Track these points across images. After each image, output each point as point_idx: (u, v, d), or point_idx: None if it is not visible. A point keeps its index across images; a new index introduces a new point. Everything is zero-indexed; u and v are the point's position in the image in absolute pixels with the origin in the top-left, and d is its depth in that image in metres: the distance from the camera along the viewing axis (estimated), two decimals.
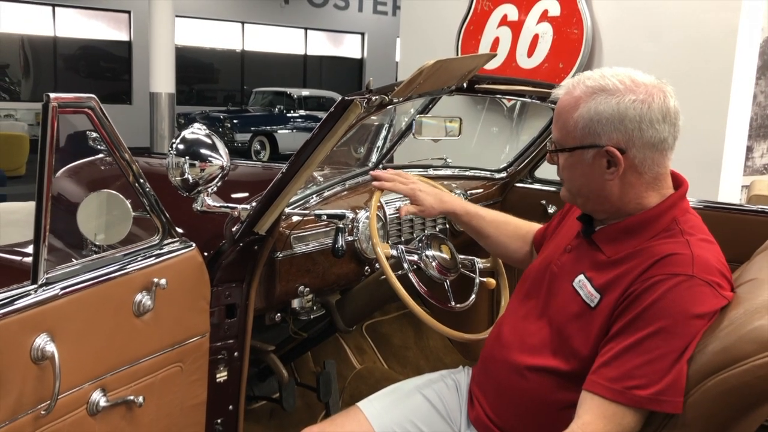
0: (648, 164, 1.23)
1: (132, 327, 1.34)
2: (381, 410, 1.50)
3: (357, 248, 1.91)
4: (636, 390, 1.12)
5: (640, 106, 1.19)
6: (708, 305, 1.14)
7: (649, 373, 1.12)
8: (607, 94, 1.21)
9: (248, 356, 1.67)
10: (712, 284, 1.15)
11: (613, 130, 1.20)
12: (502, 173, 2.60)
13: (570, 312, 1.26)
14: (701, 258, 1.17)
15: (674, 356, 1.12)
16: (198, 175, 1.49)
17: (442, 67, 1.51)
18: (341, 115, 1.39)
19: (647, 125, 1.20)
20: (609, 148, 1.21)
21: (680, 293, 1.13)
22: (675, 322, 1.12)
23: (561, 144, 1.29)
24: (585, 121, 1.22)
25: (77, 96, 1.18)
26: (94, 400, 1.27)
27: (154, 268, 1.37)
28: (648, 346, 1.13)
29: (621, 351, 1.15)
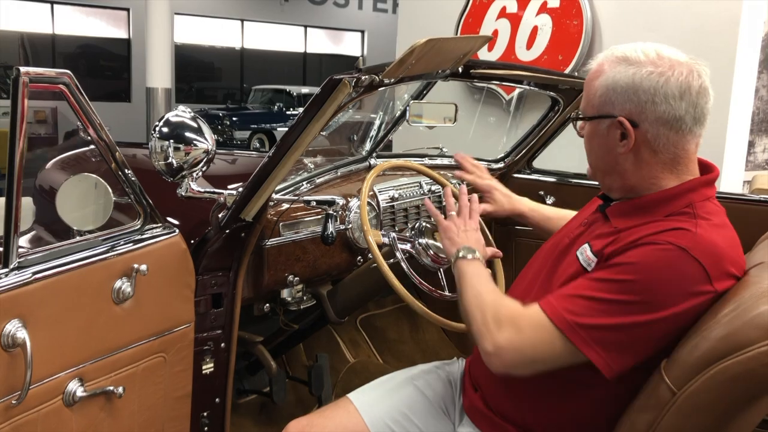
0: (663, 142, 1.18)
1: (111, 314, 1.28)
2: (372, 402, 1.46)
3: (349, 237, 1.86)
4: (566, 312, 1.12)
5: (657, 78, 1.15)
6: (683, 283, 1.09)
7: (586, 307, 1.12)
8: (627, 64, 1.18)
9: (236, 347, 1.61)
10: (703, 265, 1.10)
11: (626, 101, 1.17)
12: (499, 163, 2.55)
13: (566, 276, 1.24)
14: (704, 238, 1.12)
15: (624, 309, 1.10)
16: (182, 159, 1.44)
17: (434, 47, 1.46)
18: (330, 95, 1.34)
19: (661, 99, 1.15)
20: (620, 119, 1.18)
21: (663, 260, 1.10)
22: (639, 282, 1.10)
23: (584, 113, 1.28)
24: (603, 89, 1.20)
25: (49, 71, 1.13)
26: (70, 390, 1.22)
27: (135, 253, 1.32)
28: (605, 288, 1.12)
29: (580, 282, 1.16)
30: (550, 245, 1.42)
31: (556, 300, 1.16)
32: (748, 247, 1.43)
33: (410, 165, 1.83)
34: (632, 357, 1.12)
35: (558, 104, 2.26)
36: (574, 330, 1.11)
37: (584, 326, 1.11)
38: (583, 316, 1.11)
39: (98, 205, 1.39)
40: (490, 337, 1.16)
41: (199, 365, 1.55)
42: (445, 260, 1.64)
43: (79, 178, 1.40)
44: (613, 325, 1.10)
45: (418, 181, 2.17)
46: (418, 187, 2.16)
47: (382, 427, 1.42)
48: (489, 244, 1.73)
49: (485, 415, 1.34)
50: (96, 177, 1.39)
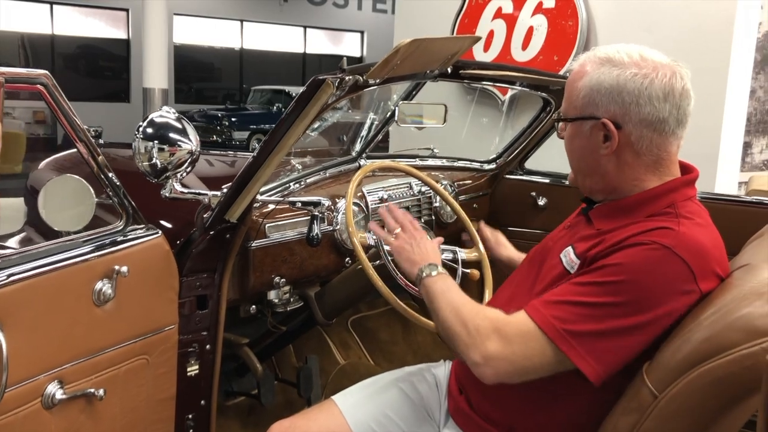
0: (646, 144, 1.18)
1: (92, 316, 1.27)
2: (356, 404, 1.45)
3: (337, 238, 1.85)
4: (554, 320, 1.11)
5: (641, 80, 1.15)
6: (670, 282, 1.08)
7: (574, 313, 1.10)
8: (611, 65, 1.18)
9: (221, 349, 1.60)
10: (688, 263, 1.09)
11: (611, 102, 1.17)
12: (491, 164, 2.54)
13: (549, 279, 1.23)
14: (688, 236, 1.11)
15: (610, 313, 1.08)
16: (167, 160, 1.43)
17: (420, 47, 1.45)
18: (313, 95, 1.33)
19: (645, 101, 1.15)
20: (604, 121, 1.18)
21: (647, 259, 1.09)
22: (626, 283, 1.08)
23: (564, 114, 1.27)
24: (586, 90, 1.20)
25: (28, 71, 1.12)
26: (49, 393, 1.21)
27: (116, 255, 1.31)
28: (591, 292, 1.11)
29: (566, 287, 1.14)
30: (534, 251, 1.41)
31: (543, 306, 1.14)
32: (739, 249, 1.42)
33: (398, 166, 1.82)
34: (619, 361, 1.11)
35: (550, 105, 2.25)
36: (563, 338, 1.10)
37: (573, 333, 1.10)
38: (571, 323, 1.10)
39: (81, 206, 1.38)
40: (479, 348, 1.14)
41: (183, 367, 1.53)
42: None
43: (61, 179, 1.39)
44: (601, 330, 1.09)
45: (407, 182, 2.16)
46: (408, 188, 2.15)
47: (365, 429, 1.41)
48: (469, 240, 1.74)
49: (470, 418, 1.33)
50: (78, 178, 1.38)
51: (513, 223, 2.49)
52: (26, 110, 13.39)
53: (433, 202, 2.21)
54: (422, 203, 2.17)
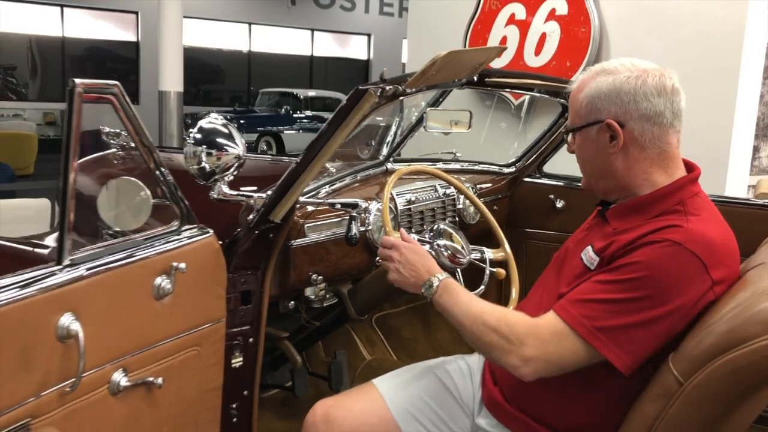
0: (648, 137, 1.30)
1: (152, 309, 1.37)
2: (395, 388, 1.54)
3: (369, 238, 1.93)
4: (583, 318, 1.20)
5: (635, 81, 1.29)
6: (684, 274, 1.18)
7: (601, 310, 1.20)
8: (606, 74, 1.32)
9: (263, 343, 1.69)
10: (698, 256, 1.19)
11: (611, 104, 1.30)
12: (510, 168, 2.63)
13: (571, 277, 1.33)
14: (695, 231, 1.22)
15: (633, 307, 1.18)
16: (215, 164, 1.53)
17: (454, 58, 1.54)
18: (356, 105, 1.43)
19: (641, 97, 1.28)
20: (609, 121, 1.30)
21: (663, 256, 1.19)
22: (645, 279, 1.18)
23: (571, 127, 1.40)
24: (588, 99, 1.33)
25: (101, 82, 1.21)
26: (115, 380, 1.30)
27: (174, 252, 1.40)
28: (613, 289, 1.20)
29: (590, 286, 1.24)
30: (557, 254, 1.51)
31: (571, 306, 1.23)
32: (750, 251, 1.52)
33: (429, 170, 1.92)
34: (645, 351, 1.20)
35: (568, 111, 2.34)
36: (593, 334, 1.20)
37: (601, 329, 1.19)
38: (599, 320, 1.20)
39: (137, 206, 1.47)
40: (516, 353, 1.22)
41: (228, 359, 1.62)
42: (462, 260, 1.72)
43: (120, 181, 1.48)
44: (627, 324, 1.19)
45: (433, 185, 2.25)
46: (433, 191, 2.25)
47: (404, 412, 1.50)
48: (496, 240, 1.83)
49: (503, 408, 1.42)
50: (136, 180, 1.47)
51: (532, 225, 2.59)
52: (36, 111, 13.54)
53: (457, 204, 2.30)
54: (446, 205, 2.26)
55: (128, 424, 1.36)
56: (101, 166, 2.96)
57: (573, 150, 1.43)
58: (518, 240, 2.55)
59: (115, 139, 1.81)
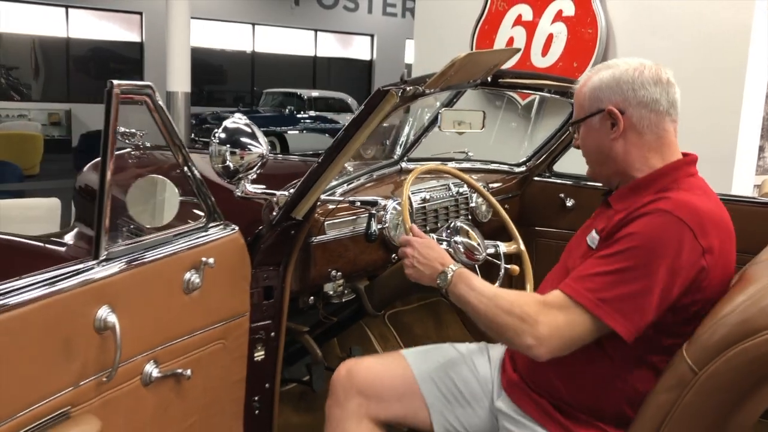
0: (646, 123, 1.39)
1: (181, 303, 1.41)
2: (421, 358, 1.62)
3: (385, 236, 1.98)
4: (587, 292, 1.27)
5: (633, 72, 1.40)
6: (674, 239, 1.25)
7: (602, 282, 1.26)
8: (607, 68, 1.44)
9: (284, 337, 1.74)
10: (686, 222, 1.26)
11: (612, 93, 1.41)
12: (521, 167, 2.67)
13: (576, 259, 1.41)
14: (682, 200, 1.30)
15: (631, 276, 1.25)
16: (238, 163, 1.57)
17: (471, 59, 1.58)
18: (378, 105, 1.47)
19: (639, 86, 1.39)
20: (610, 108, 1.40)
21: (653, 224, 1.27)
22: (639, 248, 1.26)
23: (576, 119, 1.49)
24: (590, 91, 1.44)
25: (136, 84, 1.26)
26: (147, 371, 1.35)
27: (202, 248, 1.45)
28: (611, 261, 1.27)
29: (591, 262, 1.31)
30: (566, 246, 1.58)
31: (574, 282, 1.30)
32: (756, 249, 1.56)
33: (446, 169, 1.96)
34: (646, 317, 1.26)
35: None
36: (598, 306, 1.26)
37: (605, 300, 1.26)
38: (601, 291, 1.26)
39: (166, 203, 1.51)
40: (530, 332, 1.27)
41: (251, 353, 1.67)
42: (478, 256, 1.77)
43: (148, 179, 1.52)
44: (627, 292, 1.25)
45: (446, 184, 2.30)
46: (447, 190, 2.29)
47: (426, 378, 1.58)
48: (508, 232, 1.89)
49: (521, 389, 1.49)
50: (164, 178, 1.52)
51: (542, 223, 2.63)
52: (40, 112, 13.59)
53: (470, 202, 2.34)
54: (459, 203, 2.31)
55: (158, 414, 1.40)
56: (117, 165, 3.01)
57: (578, 144, 1.52)
58: (528, 238, 2.59)
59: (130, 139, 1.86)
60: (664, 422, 1.22)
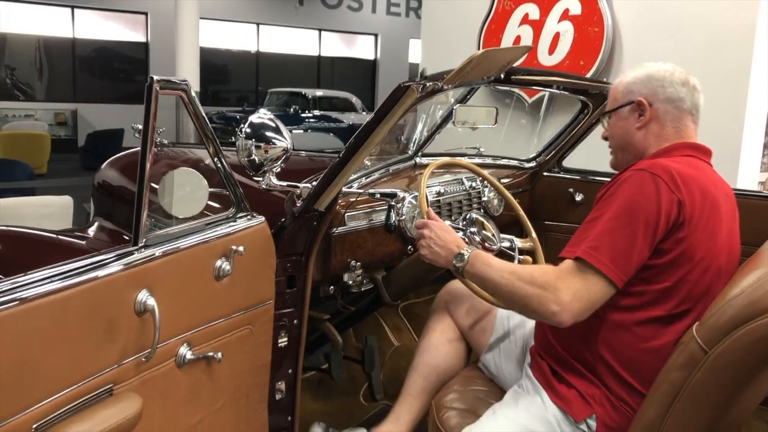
0: (669, 117, 1.56)
1: (213, 289, 1.48)
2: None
3: (402, 228, 2.04)
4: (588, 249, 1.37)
5: (664, 72, 1.58)
6: (649, 191, 1.38)
7: (595, 236, 1.38)
8: (642, 68, 1.62)
9: (306, 324, 1.80)
10: (661, 177, 1.39)
11: (642, 87, 1.58)
12: (531, 162, 2.74)
13: None
14: (659, 162, 1.45)
15: (614, 226, 1.37)
16: (263, 156, 1.64)
17: (487, 56, 1.65)
18: (399, 100, 1.54)
19: (668, 84, 1.56)
20: (639, 99, 1.57)
21: (633, 182, 1.41)
22: (621, 202, 1.39)
23: (608, 109, 1.66)
24: (624, 85, 1.62)
25: (174, 79, 1.33)
26: (182, 354, 1.41)
27: (232, 237, 1.51)
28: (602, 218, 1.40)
29: (584, 226, 1.45)
30: None
31: (574, 247, 1.41)
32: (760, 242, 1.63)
33: (462, 162, 2.03)
34: (633, 263, 1.38)
35: (587, 107, 2.45)
36: (595, 258, 1.36)
37: (598, 249, 1.37)
38: (596, 245, 1.37)
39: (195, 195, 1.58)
40: (554, 299, 1.36)
41: (275, 339, 1.74)
42: (493, 247, 1.83)
43: (179, 171, 1.59)
44: (614, 241, 1.37)
45: (459, 178, 2.36)
46: (460, 184, 2.35)
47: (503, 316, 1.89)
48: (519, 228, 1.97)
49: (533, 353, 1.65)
50: (194, 170, 1.58)
51: (551, 218, 2.69)
52: (46, 112, 13.67)
53: (482, 196, 2.41)
54: (472, 197, 2.37)
55: (191, 395, 1.47)
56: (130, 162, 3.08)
57: (607, 135, 1.68)
58: (538, 232, 2.63)
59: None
60: (675, 399, 1.29)
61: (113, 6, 14.28)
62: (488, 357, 1.86)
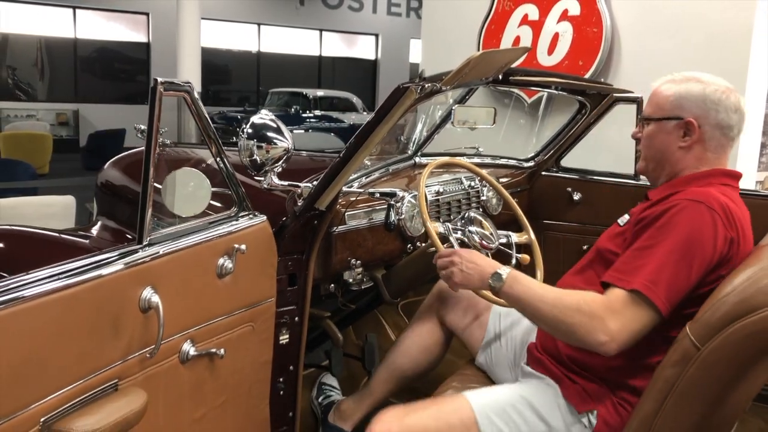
0: (714, 143, 1.52)
1: (215, 287, 1.51)
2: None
3: (402, 227, 2.07)
4: (643, 280, 1.35)
5: (720, 94, 1.51)
6: (709, 227, 1.37)
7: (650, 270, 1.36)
8: (698, 81, 1.54)
9: (307, 321, 1.83)
10: (717, 212, 1.38)
11: (695, 106, 1.52)
12: (529, 162, 2.76)
13: (608, 235, 1.55)
14: (714, 195, 1.41)
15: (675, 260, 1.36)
16: (265, 156, 1.67)
17: (485, 58, 1.68)
18: (398, 101, 1.56)
19: (722, 109, 1.50)
20: (690, 120, 1.51)
21: (688, 213, 1.38)
22: (679, 236, 1.37)
23: (650, 116, 1.59)
24: (675, 97, 1.54)
25: (177, 81, 1.36)
26: (185, 350, 1.44)
27: (234, 235, 1.54)
28: (648, 252, 1.38)
29: (631, 252, 1.41)
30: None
31: (628, 276, 1.38)
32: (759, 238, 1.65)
33: (461, 162, 2.06)
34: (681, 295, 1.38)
35: (585, 108, 2.48)
36: (654, 293, 1.35)
37: (657, 283, 1.35)
38: (656, 282, 1.35)
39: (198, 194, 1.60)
40: (602, 329, 1.34)
41: (276, 336, 1.76)
42: (491, 245, 1.86)
43: (182, 171, 1.61)
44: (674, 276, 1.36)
45: (458, 178, 2.39)
46: (459, 183, 2.38)
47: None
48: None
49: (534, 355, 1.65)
50: (197, 171, 1.61)
51: (549, 216, 2.72)
52: (48, 112, 13.71)
53: (481, 195, 2.44)
54: (471, 196, 2.40)
55: (194, 390, 1.50)
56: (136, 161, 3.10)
57: (639, 136, 1.62)
58: (537, 231, 2.66)
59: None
60: (669, 394, 1.31)
61: (115, 6, 14.33)
62: (483, 356, 1.88)
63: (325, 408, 2.13)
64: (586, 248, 2.55)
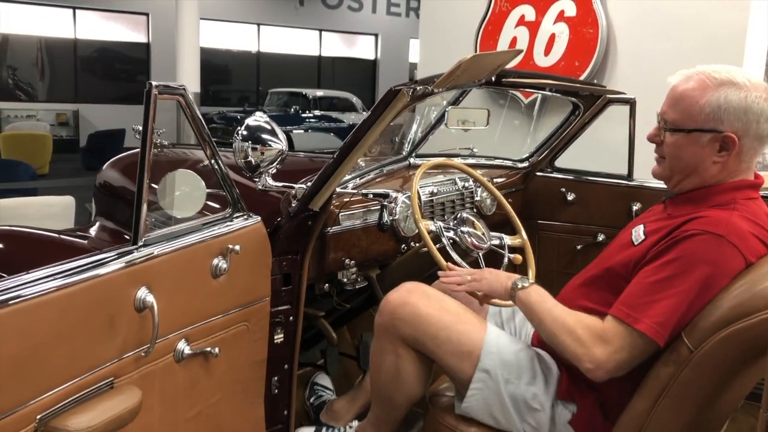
0: (750, 154, 1.41)
1: (210, 287, 1.53)
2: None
3: (395, 227, 2.09)
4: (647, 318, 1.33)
5: (763, 103, 1.36)
6: (726, 264, 1.32)
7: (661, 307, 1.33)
8: (736, 87, 1.37)
9: (302, 321, 1.85)
10: (738, 247, 1.32)
11: (736, 119, 1.36)
12: (524, 163, 2.78)
13: (618, 245, 1.51)
14: (736, 225, 1.34)
15: (687, 298, 1.32)
16: (259, 158, 1.69)
17: (476, 61, 1.70)
18: (390, 103, 1.58)
19: (764, 119, 1.36)
20: (730, 135, 1.37)
21: (704, 247, 1.32)
22: (697, 274, 1.31)
23: (678, 125, 1.43)
24: (712, 107, 1.37)
25: (171, 84, 1.38)
26: (180, 349, 1.46)
27: (229, 236, 1.56)
28: (665, 286, 1.33)
29: (643, 285, 1.37)
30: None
31: (635, 311, 1.35)
32: None
33: (453, 163, 2.08)
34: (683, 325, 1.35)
35: (578, 109, 2.50)
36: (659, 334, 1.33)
37: (665, 325, 1.33)
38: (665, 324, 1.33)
39: (194, 195, 1.63)
40: (587, 356, 1.37)
41: (271, 335, 1.79)
42: (483, 245, 1.88)
43: (178, 173, 1.64)
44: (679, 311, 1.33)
45: (452, 179, 2.41)
46: (453, 184, 2.40)
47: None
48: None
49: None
50: (192, 172, 1.63)
51: (544, 217, 2.74)
52: (48, 112, 13.73)
53: (475, 196, 2.46)
54: (465, 197, 2.42)
55: (189, 388, 1.52)
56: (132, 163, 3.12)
57: (660, 141, 1.47)
58: (531, 231, 2.69)
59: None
60: (662, 394, 1.34)
61: (114, 7, 14.35)
62: None
63: (316, 408, 2.15)
64: (580, 248, 2.58)
